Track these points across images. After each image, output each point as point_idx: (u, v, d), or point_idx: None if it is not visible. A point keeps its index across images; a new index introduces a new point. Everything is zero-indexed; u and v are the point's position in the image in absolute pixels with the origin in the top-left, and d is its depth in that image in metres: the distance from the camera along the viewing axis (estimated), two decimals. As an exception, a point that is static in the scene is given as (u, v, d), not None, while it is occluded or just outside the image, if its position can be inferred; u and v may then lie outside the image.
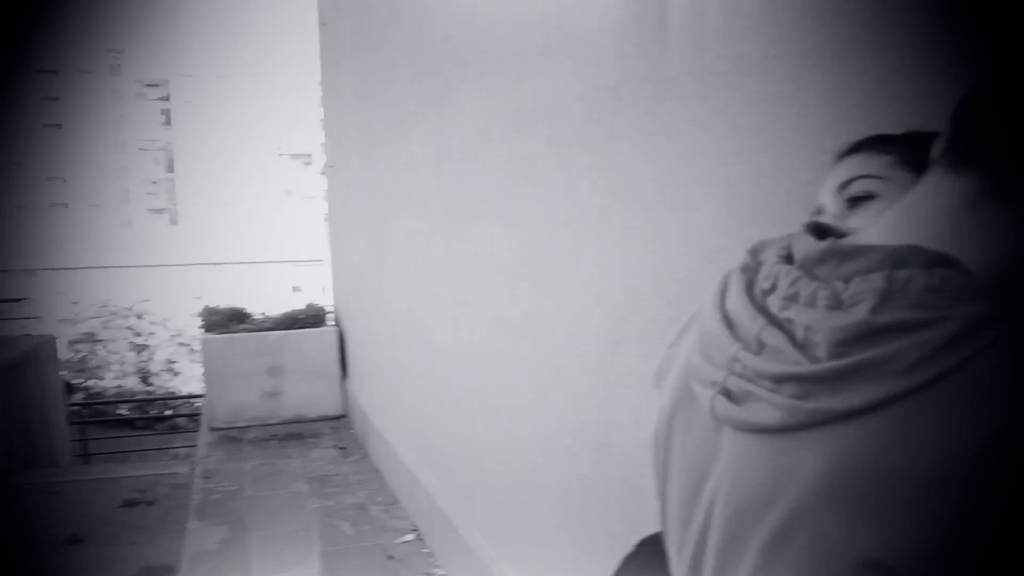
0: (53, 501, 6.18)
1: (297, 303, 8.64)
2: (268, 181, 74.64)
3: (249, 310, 8.02)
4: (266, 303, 8.47)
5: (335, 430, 7.48)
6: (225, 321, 7.77)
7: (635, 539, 1.19)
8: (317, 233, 51.27)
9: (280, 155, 76.15)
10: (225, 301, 8.52)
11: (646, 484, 2.17)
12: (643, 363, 2.25)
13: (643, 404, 2.23)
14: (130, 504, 6.01)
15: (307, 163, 75.58)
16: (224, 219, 63.39)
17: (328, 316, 8.02)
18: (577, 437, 2.72)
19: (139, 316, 30.40)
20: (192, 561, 4.88)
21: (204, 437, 7.48)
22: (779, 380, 0.66)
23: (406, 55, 4.71)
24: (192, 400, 15.46)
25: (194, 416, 14.02)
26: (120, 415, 19.67)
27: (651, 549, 1.04)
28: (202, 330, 7.92)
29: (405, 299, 5.17)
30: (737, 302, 0.74)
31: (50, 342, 8.86)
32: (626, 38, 2.21)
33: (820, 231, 0.75)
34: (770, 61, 1.65)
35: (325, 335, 7.73)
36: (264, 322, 7.82)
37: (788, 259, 0.73)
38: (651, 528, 1.03)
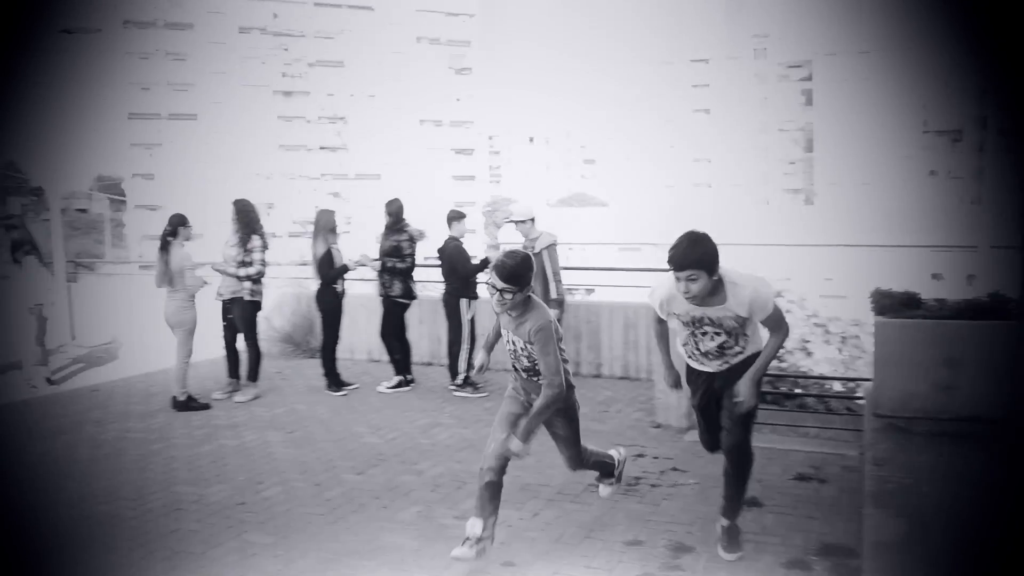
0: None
1: (939, 291, 7.98)
2: (910, 160, 71.32)
3: (923, 296, 7.60)
4: (904, 288, 7.85)
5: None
6: (897, 305, 7.46)
7: None
8: (960, 215, 47.56)
9: (925, 132, 72.13)
10: (854, 283, 8.26)
11: None
12: None
13: None
14: (803, 478, 6.11)
15: (955, 140, 70.38)
16: (860, 199, 62.31)
17: (1014, 306, 7.23)
18: None
19: (778, 294, 31.33)
20: (874, 549, 4.75)
21: (869, 423, 7.30)
22: None
23: None
24: (822, 381, 15.33)
25: (823, 397, 13.92)
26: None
27: None
28: (873, 313, 7.72)
29: None
30: None
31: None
32: None
33: None
34: None
35: (1012, 328, 6.97)
36: (940, 309, 7.32)
37: None
38: None
